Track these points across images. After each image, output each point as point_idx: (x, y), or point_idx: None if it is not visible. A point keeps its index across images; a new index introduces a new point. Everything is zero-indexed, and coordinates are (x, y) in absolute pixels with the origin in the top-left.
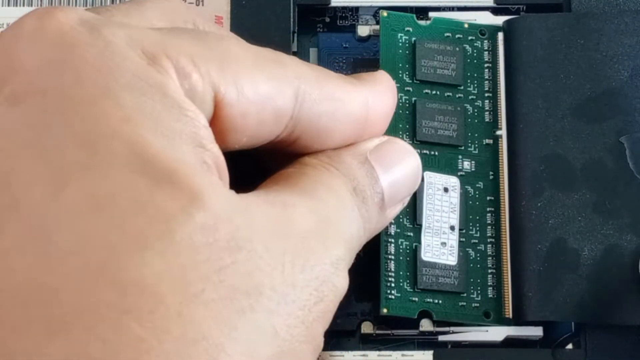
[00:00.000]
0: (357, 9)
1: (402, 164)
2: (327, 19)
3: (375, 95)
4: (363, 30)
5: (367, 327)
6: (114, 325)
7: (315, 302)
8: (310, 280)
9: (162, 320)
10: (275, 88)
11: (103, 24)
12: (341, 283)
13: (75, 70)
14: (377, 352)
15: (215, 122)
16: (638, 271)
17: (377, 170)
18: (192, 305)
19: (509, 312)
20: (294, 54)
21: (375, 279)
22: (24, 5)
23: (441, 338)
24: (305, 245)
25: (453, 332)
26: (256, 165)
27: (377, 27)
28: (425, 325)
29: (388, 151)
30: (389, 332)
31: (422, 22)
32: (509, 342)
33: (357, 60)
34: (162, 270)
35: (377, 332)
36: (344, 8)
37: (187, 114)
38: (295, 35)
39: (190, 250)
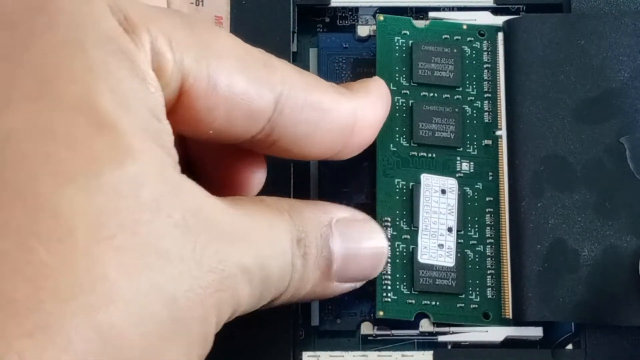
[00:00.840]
0: (357, 9)
1: (364, 245)
2: (327, 19)
3: (366, 106)
4: (363, 31)
5: (366, 328)
6: (20, 243)
7: (217, 289)
8: (216, 268)
9: (69, 252)
10: (254, 89)
11: None
12: (243, 292)
13: (50, 16)
14: (377, 353)
15: (178, 108)
16: (638, 272)
17: (336, 239)
18: (101, 246)
19: (508, 313)
20: (294, 54)
21: (375, 280)
22: None
23: (441, 338)
24: (222, 240)
25: (453, 333)
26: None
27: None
28: (425, 325)
29: (356, 228)
30: (388, 332)
31: (419, 25)
32: (508, 342)
33: (357, 60)
34: (80, 205)
35: (377, 332)
36: (343, 8)
37: (149, 87)
38: (295, 35)
39: (112, 195)
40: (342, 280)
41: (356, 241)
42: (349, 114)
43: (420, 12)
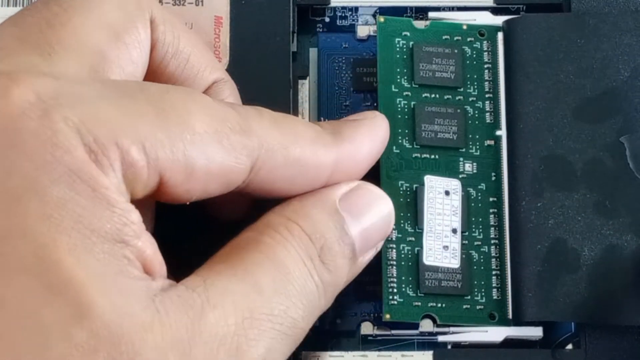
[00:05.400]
0: (356, 8)
1: (373, 211)
2: (327, 19)
3: (348, 155)
4: (363, 31)
5: (366, 328)
6: None
7: None
8: None
9: None
10: (231, 161)
11: (59, 104)
12: None
13: (9, 162)
14: (377, 353)
15: (157, 194)
16: (638, 271)
17: (347, 220)
18: None
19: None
20: (294, 54)
21: (375, 280)
22: (23, 5)
23: (441, 338)
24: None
25: (453, 333)
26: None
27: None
28: (425, 325)
29: (359, 198)
30: (388, 332)
31: (419, 26)
32: (508, 342)
33: (357, 60)
34: None
35: (377, 332)
36: (343, 8)
37: (115, 210)
38: (295, 35)
39: None
40: (364, 254)
41: (367, 213)
42: (327, 167)
43: (420, 12)
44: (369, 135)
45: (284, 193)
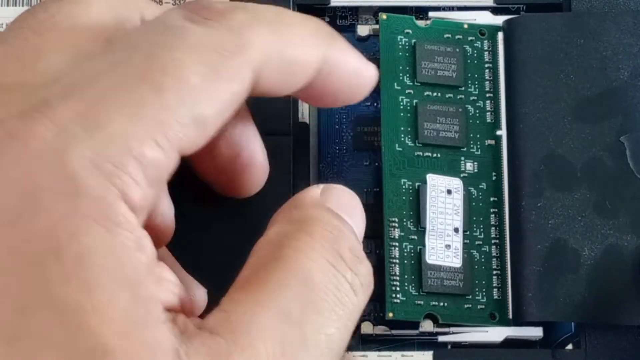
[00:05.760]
0: (356, 8)
1: (357, 208)
2: (327, 19)
3: (334, 61)
4: (363, 30)
5: (366, 327)
6: None
7: None
8: None
9: None
10: (235, 86)
11: (67, 142)
12: None
13: (30, 225)
14: (377, 353)
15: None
16: (638, 271)
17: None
18: None
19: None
20: None
21: (375, 280)
22: (23, 5)
23: (441, 338)
24: None
25: (453, 333)
26: None
27: (377, 26)
28: (425, 325)
29: (339, 197)
30: (388, 332)
31: (421, 24)
32: (508, 342)
33: None
34: None
35: (377, 332)
36: (343, 8)
37: (128, 252)
38: None
39: None
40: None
41: (353, 209)
42: (313, 63)
43: (421, 11)
44: (359, 62)
45: (274, 93)
